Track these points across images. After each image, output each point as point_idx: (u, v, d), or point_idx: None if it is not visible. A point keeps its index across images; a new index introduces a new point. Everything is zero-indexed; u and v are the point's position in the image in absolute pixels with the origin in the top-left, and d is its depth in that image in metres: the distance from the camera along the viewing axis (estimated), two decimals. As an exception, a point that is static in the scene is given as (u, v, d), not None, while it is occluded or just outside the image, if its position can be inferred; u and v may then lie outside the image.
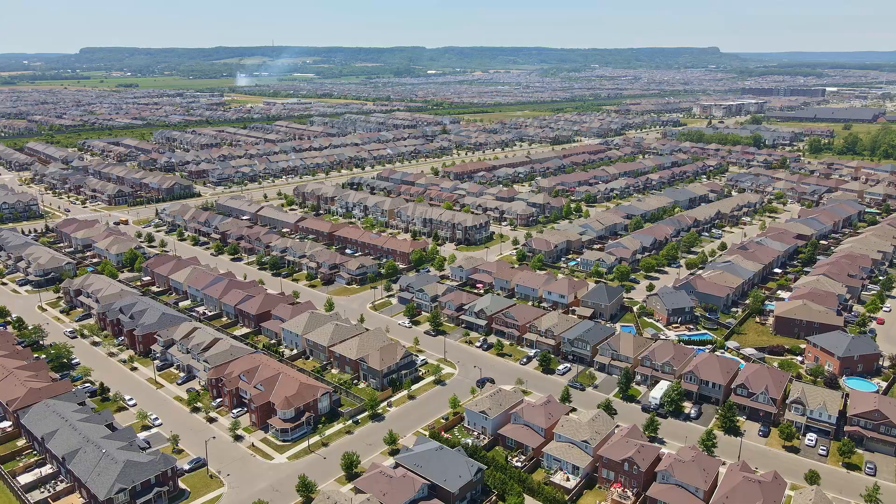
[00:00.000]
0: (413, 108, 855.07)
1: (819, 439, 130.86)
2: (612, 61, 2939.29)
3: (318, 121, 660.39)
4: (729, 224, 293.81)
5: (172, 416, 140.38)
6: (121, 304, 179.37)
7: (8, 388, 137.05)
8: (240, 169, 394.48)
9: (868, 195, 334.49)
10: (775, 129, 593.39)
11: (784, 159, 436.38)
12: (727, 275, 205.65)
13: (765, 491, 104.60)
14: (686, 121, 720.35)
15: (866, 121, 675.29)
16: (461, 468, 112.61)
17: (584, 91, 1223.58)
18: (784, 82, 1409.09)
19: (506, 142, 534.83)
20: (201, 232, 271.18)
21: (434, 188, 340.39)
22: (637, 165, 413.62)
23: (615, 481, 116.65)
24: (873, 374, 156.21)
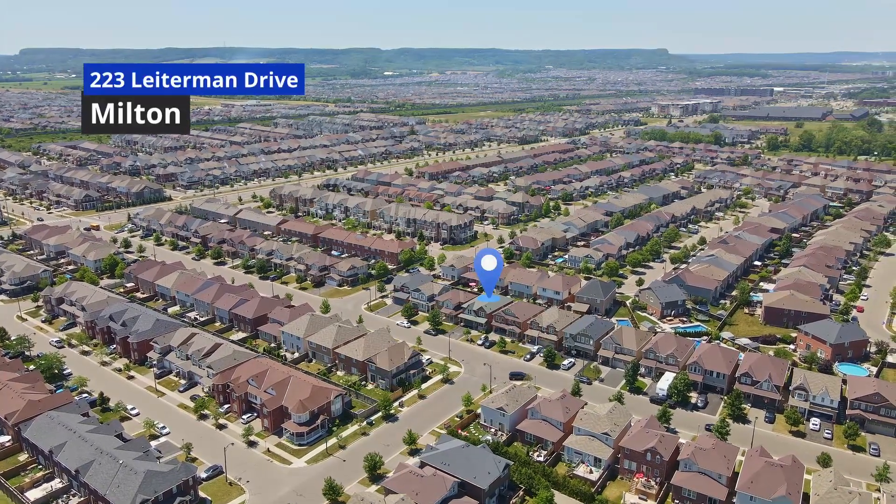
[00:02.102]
0: (376, 109, 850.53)
1: (822, 423, 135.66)
2: (565, 62, 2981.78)
3: (282, 123, 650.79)
4: (704, 219, 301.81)
5: (179, 425, 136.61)
6: (110, 312, 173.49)
7: (4, 402, 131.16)
8: (210, 172, 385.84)
9: (829, 189, 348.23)
10: (733, 127, 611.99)
11: (746, 156, 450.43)
12: (713, 268, 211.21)
13: (786, 474, 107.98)
14: (646, 120, 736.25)
15: (816, 119, 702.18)
16: (489, 464, 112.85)
17: (542, 91, 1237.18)
18: (732, 83, 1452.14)
19: (474, 142, 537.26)
20: (179, 236, 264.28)
21: (412, 188, 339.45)
22: (607, 164, 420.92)
23: (638, 472, 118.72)
24: (862, 360, 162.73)
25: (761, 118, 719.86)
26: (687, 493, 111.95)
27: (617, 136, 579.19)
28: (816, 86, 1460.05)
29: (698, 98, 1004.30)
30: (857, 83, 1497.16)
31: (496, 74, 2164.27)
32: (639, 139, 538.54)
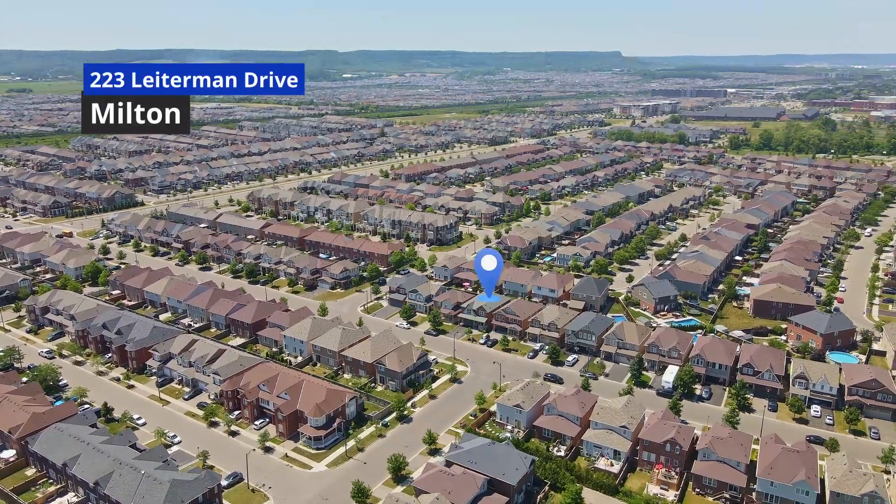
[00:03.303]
0: (341, 111, 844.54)
1: (823, 410, 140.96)
2: (523, 65, 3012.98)
3: (247, 125, 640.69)
4: (680, 217, 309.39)
5: (189, 433, 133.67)
6: (104, 320, 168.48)
7: (6, 415, 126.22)
8: (181, 176, 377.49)
9: (795, 186, 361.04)
10: (695, 127, 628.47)
11: (711, 155, 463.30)
12: (700, 263, 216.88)
13: (803, 460, 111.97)
14: (610, 121, 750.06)
15: (771, 119, 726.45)
16: (515, 461, 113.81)
17: (503, 93, 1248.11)
18: (686, 84, 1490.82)
19: (445, 143, 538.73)
20: (160, 242, 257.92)
21: (391, 190, 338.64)
22: (580, 164, 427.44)
23: (657, 463, 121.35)
24: (850, 349, 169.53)
25: (720, 118, 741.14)
26: (708, 482, 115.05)
27: (584, 137, 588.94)
28: (766, 87, 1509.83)
29: (657, 99, 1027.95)
30: (804, 84, 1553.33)
31: (456, 76, 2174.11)
32: (607, 139, 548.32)
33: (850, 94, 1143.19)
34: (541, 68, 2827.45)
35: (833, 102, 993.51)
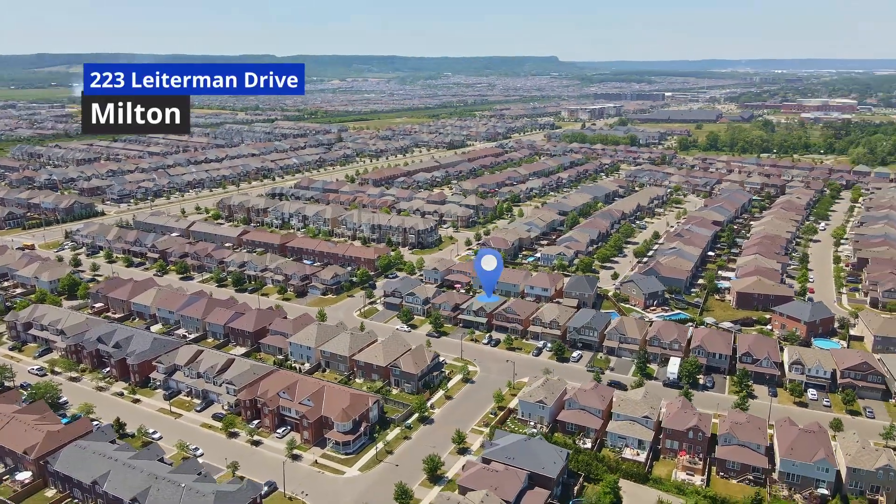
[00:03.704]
0: (291, 117, 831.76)
1: (819, 394, 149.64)
2: (463, 69, 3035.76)
3: (197, 132, 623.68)
4: (648, 215, 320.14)
5: (209, 445, 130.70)
6: (99, 334, 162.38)
7: (17, 436, 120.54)
8: (140, 184, 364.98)
9: (748, 185, 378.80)
10: (643, 129, 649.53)
11: (664, 156, 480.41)
12: (680, 259, 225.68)
13: (819, 440, 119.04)
14: (560, 124, 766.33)
15: (711, 121, 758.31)
16: (552, 455, 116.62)
17: (449, 98, 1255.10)
18: (623, 88, 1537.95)
19: (404, 148, 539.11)
20: (133, 252, 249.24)
21: (362, 195, 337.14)
22: (541, 166, 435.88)
23: (680, 450, 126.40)
24: (829, 335, 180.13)
25: (663, 121, 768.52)
26: (731, 465, 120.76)
27: (539, 140, 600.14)
28: (699, 90, 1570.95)
29: (600, 102, 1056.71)
30: (733, 88, 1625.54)
31: (398, 81, 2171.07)
32: (562, 142, 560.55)
33: (778, 97, 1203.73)
34: (481, 73, 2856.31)
35: (763, 105, 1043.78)
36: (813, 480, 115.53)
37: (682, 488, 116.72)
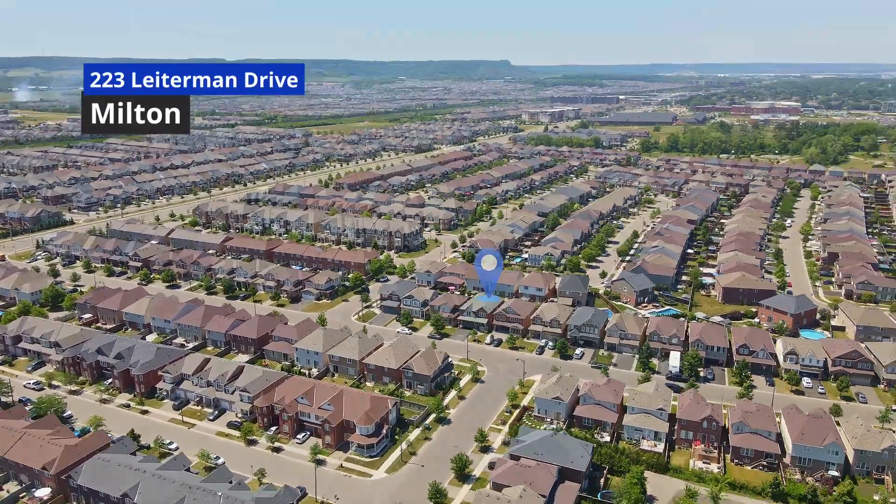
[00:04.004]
0: (250, 121, 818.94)
1: (814, 382, 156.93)
2: (417, 73, 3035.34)
3: (157, 137, 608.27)
4: (623, 215, 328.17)
5: (229, 453, 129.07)
6: (98, 345, 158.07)
7: (32, 451, 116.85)
8: (108, 191, 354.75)
9: (713, 184, 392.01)
10: (605, 132, 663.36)
11: (629, 157, 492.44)
12: (664, 257, 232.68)
13: (826, 425, 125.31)
14: (522, 127, 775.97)
15: (668, 123, 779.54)
16: (578, 449, 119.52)
17: (407, 102, 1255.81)
18: (576, 91, 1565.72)
19: (373, 152, 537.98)
20: (113, 261, 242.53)
21: (339, 200, 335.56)
22: (513, 168, 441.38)
23: (695, 439, 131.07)
24: (813, 326, 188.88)
25: (622, 123, 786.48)
26: (745, 452, 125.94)
27: (504, 143, 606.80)
28: (650, 94, 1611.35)
29: (558, 106, 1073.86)
30: (681, 91, 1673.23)
31: (353, 86, 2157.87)
32: (529, 145, 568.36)
33: (725, 100, 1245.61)
34: (435, 77, 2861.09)
35: (714, 108, 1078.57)
36: (823, 463, 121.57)
37: (702, 476, 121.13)
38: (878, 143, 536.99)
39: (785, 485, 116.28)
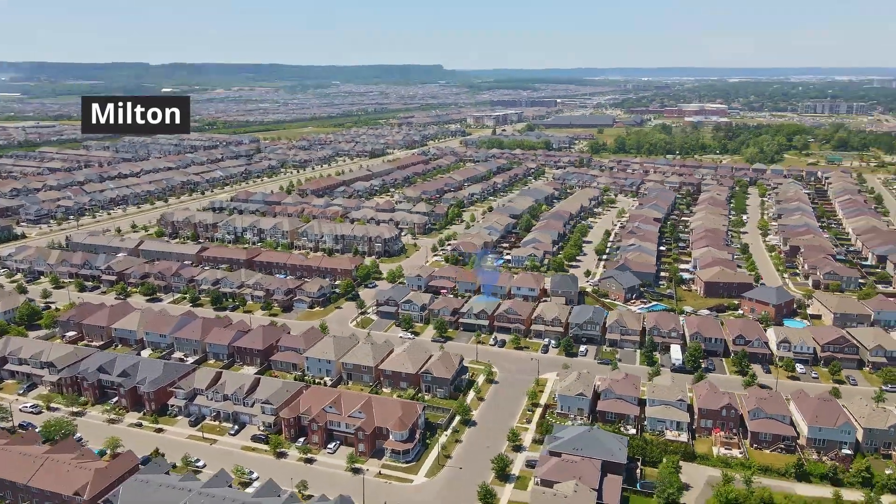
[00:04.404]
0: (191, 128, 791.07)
1: (806, 367, 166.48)
2: (351, 78, 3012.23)
3: (95, 145, 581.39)
4: (589, 215, 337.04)
5: (260, 467, 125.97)
6: (98, 363, 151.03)
7: (59, 477, 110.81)
8: (58, 203, 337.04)
9: (667, 184, 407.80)
10: (551, 134, 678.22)
11: (582, 159, 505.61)
12: (644, 254, 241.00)
13: (835, 407, 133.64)
14: (470, 130, 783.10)
15: (609, 125, 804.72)
16: (615, 443, 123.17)
17: (348, 106, 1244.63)
18: (512, 95, 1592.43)
19: (327, 157, 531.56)
20: (83, 276, 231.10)
21: (307, 206, 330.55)
22: (472, 172, 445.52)
23: (714, 427, 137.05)
24: (792, 316, 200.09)
25: (566, 126, 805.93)
26: (763, 437, 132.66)
27: (455, 146, 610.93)
28: (583, 97, 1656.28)
29: (499, 109, 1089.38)
30: (612, 94, 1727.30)
31: (287, 90, 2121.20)
32: (482, 148, 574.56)
33: (656, 103, 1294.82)
34: (369, 81, 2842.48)
35: (647, 110, 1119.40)
36: (837, 443, 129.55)
37: (727, 462, 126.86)
38: (808, 142, 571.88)
39: (807, 465, 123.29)
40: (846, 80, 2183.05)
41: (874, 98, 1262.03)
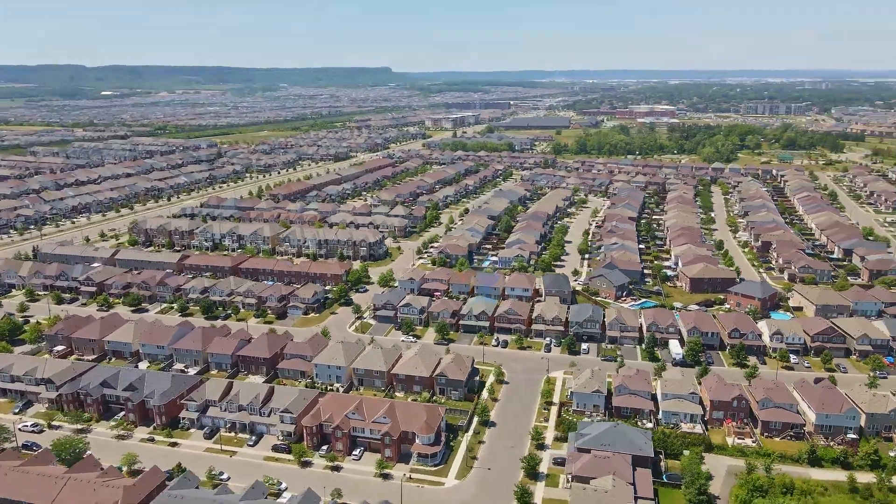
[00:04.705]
0: (139, 132, 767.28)
1: (798, 358, 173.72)
2: (297, 80, 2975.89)
3: (43, 150, 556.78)
4: (564, 216, 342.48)
5: (287, 477, 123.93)
6: (102, 378, 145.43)
7: (86, 497, 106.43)
8: (17, 212, 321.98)
9: (634, 183, 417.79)
10: (512, 136, 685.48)
11: (547, 160, 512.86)
12: (628, 253, 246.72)
13: (837, 394, 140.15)
14: (430, 133, 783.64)
15: (565, 127, 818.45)
16: (641, 437, 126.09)
17: (301, 110, 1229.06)
18: (464, 98, 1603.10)
19: (291, 162, 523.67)
20: (60, 287, 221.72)
21: (282, 211, 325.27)
22: (442, 174, 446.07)
23: (726, 418, 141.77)
24: (775, 308, 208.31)
25: (524, 127, 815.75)
26: (774, 425, 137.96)
27: (418, 149, 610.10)
28: (534, 99, 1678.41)
29: (454, 112, 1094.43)
30: (562, 97, 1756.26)
31: (235, 93, 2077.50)
32: (446, 150, 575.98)
33: (605, 105, 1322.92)
34: (317, 84, 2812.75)
35: (599, 111, 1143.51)
36: (842, 428, 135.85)
37: (743, 451, 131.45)
38: (759, 142, 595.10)
39: (819, 451, 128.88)
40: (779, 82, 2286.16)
41: (807, 99, 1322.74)
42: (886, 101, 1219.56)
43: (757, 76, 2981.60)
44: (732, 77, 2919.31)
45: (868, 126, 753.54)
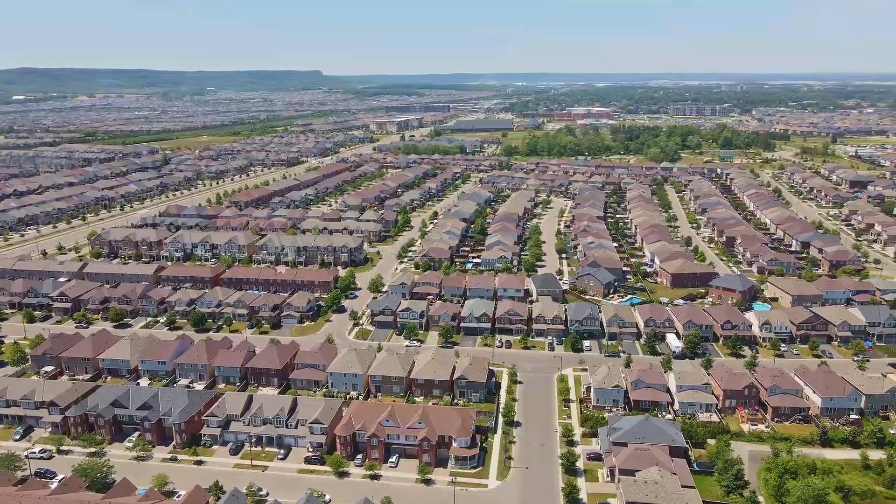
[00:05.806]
0: (68, 138, 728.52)
1: (787, 346, 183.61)
2: (225, 84, 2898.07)
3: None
4: (531, 217, 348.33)
5: (327, 490, 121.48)
6: (113, 397, 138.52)
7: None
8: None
9: (591, 183, 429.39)
10: (461, 139, 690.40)
11: (501, 163, 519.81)
12: (608, 251, 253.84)
13: (837, 378, 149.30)
14: (378, 137, 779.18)
15: (510, 129, 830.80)
16: (672, 429, 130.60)
17: (238, 114, 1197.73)
18: (400, 101, 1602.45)
19: (243, 168, 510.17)
20: (29, 305, 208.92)
21: (248, 218, 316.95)
22: (403, 178, 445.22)
23: (738, 406, 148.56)
24: (755, 300, 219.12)
25: (469, 130, 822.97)
26: (783, 410, 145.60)
27: (367, 153, 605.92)
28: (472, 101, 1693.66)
29: (395, 115, 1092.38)
30: (497, 99, 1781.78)
31: (160, 97, 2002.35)
32: (399, 154, 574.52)
33: (542, 107, 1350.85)
34: (246, 87, 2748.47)
35: (537, 113, 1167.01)
36: (846, 410, 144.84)
37: (760, 436, 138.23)
38: (700, 142, 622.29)
39: (829, 432, 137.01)
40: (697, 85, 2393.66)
41: (727, 100, 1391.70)
42: (799, 103, 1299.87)
43: (675, 79, 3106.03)
44: (654, 80, 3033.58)
45: (789, 126, 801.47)
